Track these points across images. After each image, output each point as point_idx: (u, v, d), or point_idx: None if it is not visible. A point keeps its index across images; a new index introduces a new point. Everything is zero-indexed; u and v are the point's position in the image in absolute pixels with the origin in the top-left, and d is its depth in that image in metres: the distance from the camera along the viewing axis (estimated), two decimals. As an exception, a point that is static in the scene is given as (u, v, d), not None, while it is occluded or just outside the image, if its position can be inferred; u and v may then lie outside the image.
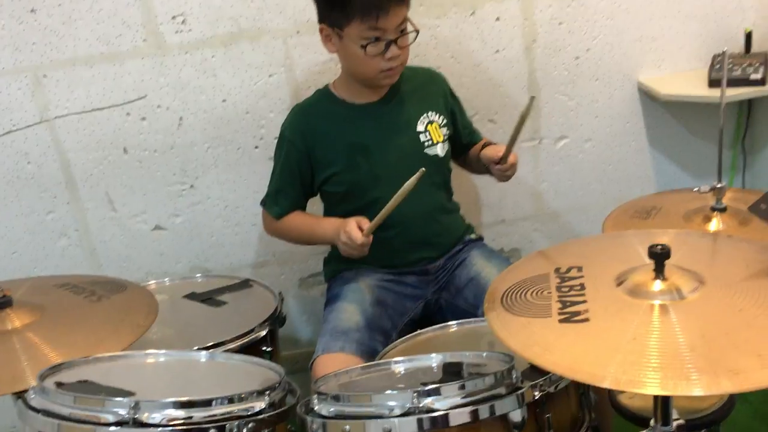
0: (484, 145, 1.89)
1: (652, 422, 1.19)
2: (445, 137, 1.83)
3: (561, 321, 1.10)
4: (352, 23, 1.61)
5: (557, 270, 1.24)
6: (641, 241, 1.26)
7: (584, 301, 1.13)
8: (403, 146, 1.76)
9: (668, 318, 1.07)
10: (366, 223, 1.65)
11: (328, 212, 1.87)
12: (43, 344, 1.35)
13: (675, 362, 0.99)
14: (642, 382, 0.97)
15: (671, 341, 1.02)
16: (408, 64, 1.76)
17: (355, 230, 1.64)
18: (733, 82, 1.98)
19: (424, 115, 1.81)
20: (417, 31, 1.69)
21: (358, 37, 1.62)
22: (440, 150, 1.81)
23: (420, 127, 1.80)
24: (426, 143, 1.80)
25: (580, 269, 1.23)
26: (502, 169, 1.78)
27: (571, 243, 1.40)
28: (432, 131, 1.81)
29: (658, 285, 1.13)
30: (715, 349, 1.00)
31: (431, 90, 1.87)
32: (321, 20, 1.69)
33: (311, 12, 1.96)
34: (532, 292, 1.19)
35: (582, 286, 1.18)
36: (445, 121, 1.84)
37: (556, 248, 1.38)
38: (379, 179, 1.73)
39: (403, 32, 1.66)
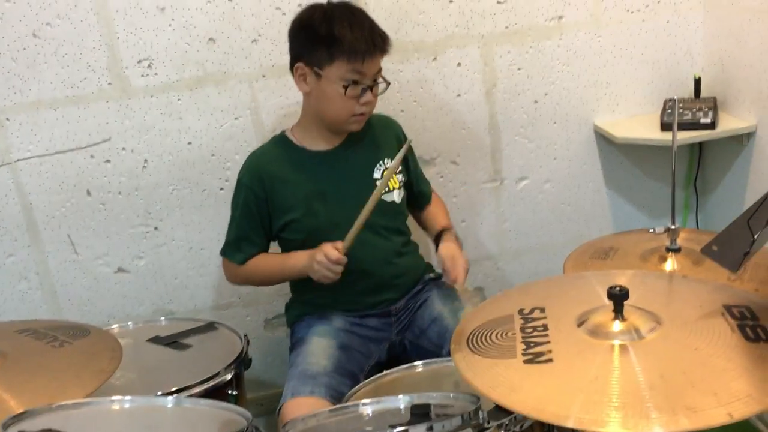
0: (442, 230, 1.90)
1: (614, 460, 1.21)
2: (401, 183, 1.86)
3: (525, 362, 1.12)
4: (335, 63, 1.66)
5: (521, 311, 1.27)
6: (600, 282, 1.30)
7: (547, 342, 1.16)
8: (360, 193, 1.76)
9: (628, 358, 1.11)
10: (340, 245, 1.67)
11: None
12: (3, 392, 1.32)
13: (635, 401, 1.02)
14: (604, 422, 1.00)
15: (631, 380, 1.06)
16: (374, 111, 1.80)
17: (331, 249, 1.66)
18: (684, 126, 2.06)
19: (381, 161, 1.83)
20: (388, 83, 1.76)
21: (339, 78, 1.67)
22: (396, 196, 1.84)
23: (376, 174, 1.82)
24: (383, 190, 1.82)
25: (542, 310, 1.26)
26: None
27: (534, 284, 1.43)
28: None
29: (617, 325, 1.16)
30: (674, 387, 1.03)
31: (387, 136, 1.89)
32: (298, 59, 1.72)
33: (277, 56, 2.01)
34: (497, 333, 1.22)
35: (545, 327, 1.21)
36: (400, 169, 1.86)
37: (519, 289, 1.42)
38: (337, 226, 1.74)
39: (377, 81, 1.72)
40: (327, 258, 1.66)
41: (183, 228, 2.11)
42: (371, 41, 1.67)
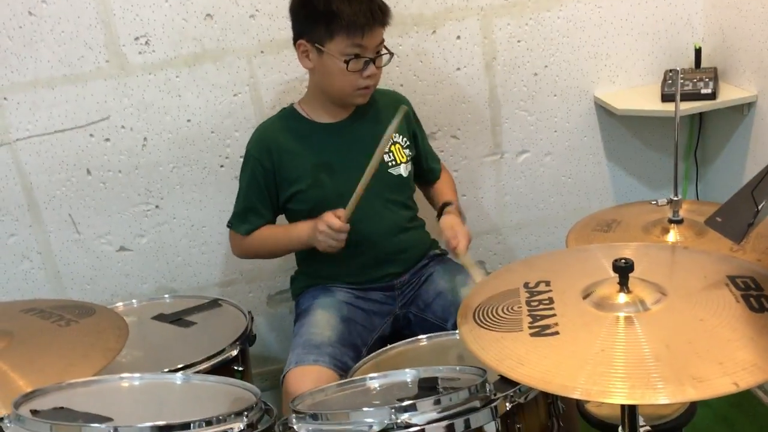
0: (445, 204, 1.90)
1: (619, 429, 1.23)
2: (408, 158, 1.87)
3: (532, 335, 1.13)
4: (335, 39, 1.66)
5: (526, 285, 1.28)
6: (605, 255, 1.31)
7: (554, 315, 1.17)
8: (366, 165, 1.78)
9: (633, 329, 1.12)
10: (341, 213, 1.68)
11: None
12: (12, 371, 1.33)
13: (641, 372, 1.03)
14: (611, 393, 1.01)
15: (637, 351, 1.07)
16: (378, 86, 1.80)
17: (332, 217, 1.67)
18: (685, 97, 2.06)
19: None
20: (391, 54, 1.75)
21: (340, 53, 1.67)
22: (403, 170, 1.85)
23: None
24: (390, 163, 1.83)
25: (548, 283, 1.27)
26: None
27: (538, 257, 1.44)
28: (395, 152, 1.84)
29: (622, 297, 1.17)
30: (679, 358, 1.04)
31: (394, 110, 1.89)
32: (300, 36, 1.72)
33: (275, 32, 1.99)
34: (503, 307, 1.23)
35: (551, 300, 1.21)
36: (408, 143, 1.87)
37: (523, 263, 1.42)
38: (343, 197, 1.74)
39: (380, 53, 1.72)
40: (329, 227, 1.67)
41: (184, 206, 2.11)
42: (370, 14, 1.66)
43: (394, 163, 1.83)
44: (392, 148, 1.84)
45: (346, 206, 1.68)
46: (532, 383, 1.07)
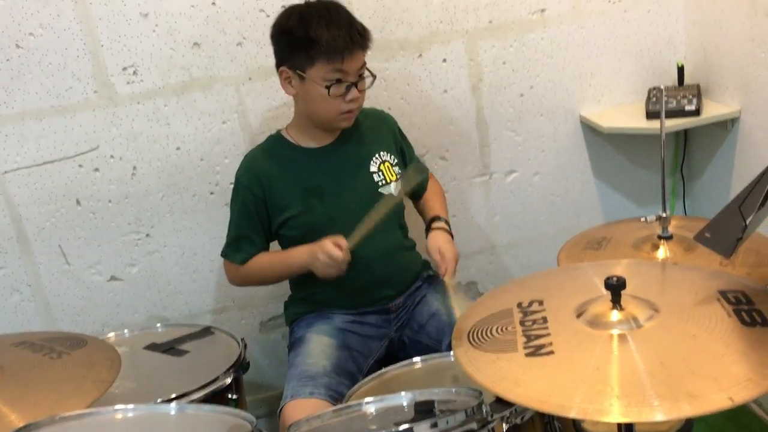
0: (432, 219, 1.91)
1: (617, 447, 1.23)
2: (398, 176, 1.87)
3: (527, 355, 1.14)
4: (316, 65, 1.66)
5: (519, 305, 1.28)
6: (596, 273, 1.32)
7: (548, 334, 1.18)
8: (357, 187, 1.79)
9: (628, 347, 1.12)
10: (342, 241, 1.68)
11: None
12: (4, 406, 1.31)
13: (637, 389, 1.03)
14: (607, 411, 1.01)
15: (632, 369, 1.07)
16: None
17: (333, 248, 1.67)
18: (670, 114, 2.08)
19: (377, 155, 1.84)
20: (374, 77, 1.75)
21: (321, 79, 1.67)
22: (394, 189, 1.85)
23: (373, 168, 1.83)
24: (380, 183, 1.83)
25: (541, 303, 1.27)
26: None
27: (530, 277, 1.44)
28: (385, 171, 1.85)
29: (615, 315, 1.18)
30: (674, 374, 1.05)
31: (382, 130, 1.91)
32: (281, 63, 1.73)
33: (262, 59, 2.00)
34: (497, 328, 1.23)
35: (544, 320, 1.22)
36: (396, 160, 1.88)
37: (516, 283, 1.42)
38: (335, 221, 1.75)
39: (362, 76, 1.72)
40: (330, 258, 1.67)
41: (175, 234, 2.11)
42: (349, 39, 1.66)
43: (384, 182, 1.83)
44: (381, 166, 1.84)
45: (349, 237, 1.67)
46: (529, 404, 1.07)
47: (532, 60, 2.19)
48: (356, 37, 1.67)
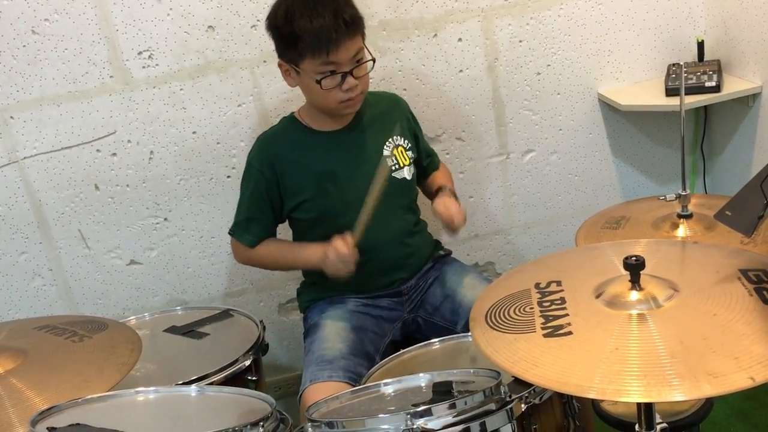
0: (438, 189, 1.90)
1: (636, 427, 1.22)
2: (411, 160, 1.85)
3: (545, 336, 1.13)
4: (305, 59, 1.63)
5: (537, 285, 1.28)
6: (615, 252, 1.31)
7: (566, 315, 1.17)
8: (371, 172, 1.76)
9: (647, 326, 1.11)
10: (348, 239, 1.67)
11: (298, 238, 1.88)
12: (27, 389, 1.33)
13: (656, 369, 1.02)
14: (626, 391, 1.01)
15: (652, 349, 1.06)
16: (371, 90, 1.79)
17: (341, 245, 1.67)
18: (689, 90, 2.05)
19: (390, 139, 1.83)
20: (373, 60, 1.70)
21: (314, 72, 1.64)
22: (407, 173, 1.84)
23: (386, 152, 1.81)
24: (393, 167, 1.81)
25: (559, 283, 1.27)
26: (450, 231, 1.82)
27: (548, 257, 1.43)
28: (398, 155, 1.83)
29: (634, 295, 1.17)
30: (694, 354, 1.04)
31: (395, 115, 1.88)
32: (279, 56, 1.71)
33: (277, 41, 1.99)
34: (515, 308, 1.22)
35: (562, 300, 1.21)
36: (409, 145, 1.86)
37: (533, 263, 1.42)
38: (348, 205, 1.74)
39: (359, 62, 1.67)
40: (338, 255, 1.67)
41: (192, 217, 2.12)
42: (334, 30, 1.59)
43: (397, 166, 1.82)
44: (395, 151, 1.83)
45: (353, 230, 1.67)
46: (547, 384, 1.06)
47: (549, 38, 2.16)
48: (341, 27, 1.59)
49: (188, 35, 1.97)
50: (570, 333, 1.12)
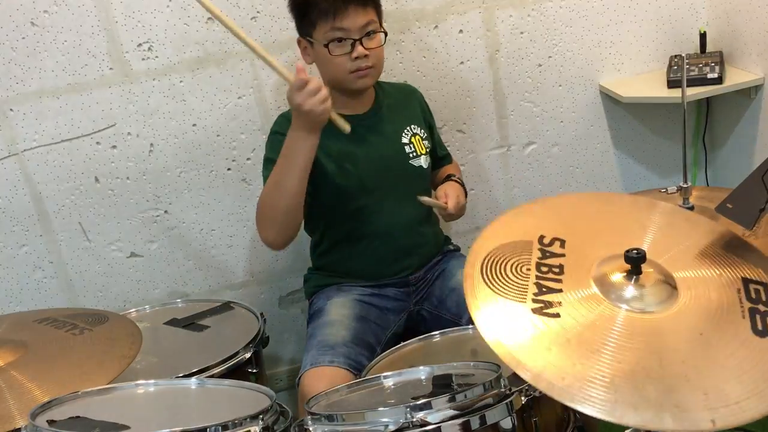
0: (447, 177, 1.92)
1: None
2: (427, 149, 1.86)
3: (534, 311, 1.10)
4: (317, 26, 1.67)
5: (541, 239, 1.23)
6: (637, 219, 1.28)
7: (559, 290, 1.14)
8: (389, 157, 1.79)
9: (632, 332, 1.08)
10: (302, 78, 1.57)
11: (312, 224, 1.86)
12: (28, 382, 1.34)
13: (628, 384, 1.00)
14: (590, 399, 0.99)
15: (631, 359, 1.04)
16: (386, 80, 1.80)
17: (303, 83, 1.55)
18: (691, 82, 2.04)
19: (408, 127, 1.84)
20: (385, 33, 1.73)
21: (323, 39, 1.67)
22: (424, 162, 1.85)
23: (405, 139, 1.83)
24: (411, 155, 1.83)
25: (563, 244, 1.22)
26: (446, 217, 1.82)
27: (562, 200, 1.37)
28: (416, 143, 1.84)
29: (630, 291, 1.15)
30: (668, 377, 1.01)
31: (412, 104, 1.91)
32: (298, 34, 1.75)
33: (277, 33, 1.99)
34: (513, 265, 1.18)
35: (561, 270, 1.17)
36: (426, 134, 1.88)
37: (544, 205, 1.37)
38: (365, 188, 1.76)
39: (370, 34, 1.69)
40: (307, 92, 1.55)
41: (193, 210, 2.11)
42: None
43: (415, 154, 1.83)
44: (412, 139, 1.84)
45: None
46: (510, 363, 1.04)
47: (551, 29, 2.15)
48: None
49: (188, 27, 1.96)
50: (557, 315, 1.09)
